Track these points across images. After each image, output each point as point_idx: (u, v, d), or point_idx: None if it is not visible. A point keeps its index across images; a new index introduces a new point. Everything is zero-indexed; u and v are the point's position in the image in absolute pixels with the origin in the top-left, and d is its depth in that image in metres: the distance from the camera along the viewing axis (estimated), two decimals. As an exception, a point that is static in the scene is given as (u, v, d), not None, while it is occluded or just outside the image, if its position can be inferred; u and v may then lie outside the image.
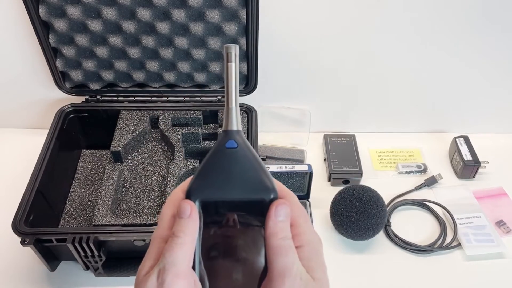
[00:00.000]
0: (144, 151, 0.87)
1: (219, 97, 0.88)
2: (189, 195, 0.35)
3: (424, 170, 0.95)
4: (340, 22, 0.83)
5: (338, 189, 0.82)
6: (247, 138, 0.82)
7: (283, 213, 0.34)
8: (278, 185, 0.36)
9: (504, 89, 0.95)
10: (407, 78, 0.93)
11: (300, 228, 0.35)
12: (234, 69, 0.36)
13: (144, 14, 0.77)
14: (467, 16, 0.82)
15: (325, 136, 0.98)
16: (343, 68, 0.91)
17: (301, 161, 0.95)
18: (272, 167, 0.82)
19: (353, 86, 0.94)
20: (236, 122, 0.36)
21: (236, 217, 0.36)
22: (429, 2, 0.80)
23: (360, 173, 0.90)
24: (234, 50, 0.35)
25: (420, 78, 0.93)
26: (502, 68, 0.91)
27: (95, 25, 0.78)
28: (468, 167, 0.91)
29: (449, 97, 0.97)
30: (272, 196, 0.35)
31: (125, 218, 0.72)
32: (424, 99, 0.97)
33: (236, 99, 0.36)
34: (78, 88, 0.88)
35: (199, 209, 0.35)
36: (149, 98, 0.88)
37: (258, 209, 0.35)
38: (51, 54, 0.81)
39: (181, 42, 0.80)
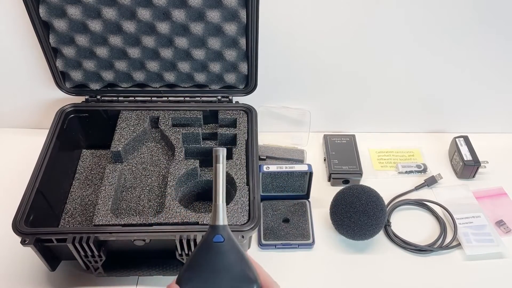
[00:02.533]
0: (144, 151, 0.87)
1: (219, 97, 0.88)
2: (179, 283, 0.39)
3: (424, 170, 0.95)
4: (340, 23, 0.83)
5: (338, 189, 0.82)
6: (247, 138, 0.82)
7: None
8: (263, 275, 0.40)
9: (504, 89, 0.95)
10: (407, 78, 0.93)
11: None
12: (222, 170, 0.41)
13: (144, 14, 0.77)
14: (467, 18, 0.82)
15: (325, 136, 0.98)
16: (343, 68, 0.91)
17: (301, 161, 0.95)
18: (272, 167, 0.82)
19: (353, 86, 0.95)
20: (222, 218, 0.41)
21: None
22: (429, 4, 0.80)
23: (360, 173, 0.90)
24: (222, 153, 0.41)
25: (420, 78, 0.93)
26: (502, 68, 0.91)
27: (95, 25, 0.78)
28: (468, 167, 0.91)
29: (449, 97, 0.97)
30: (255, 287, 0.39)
31: (125, 218, 0.72)
32: (424, 99, 0.97)
33: (222, 196, 0.41)
34: (78, 88, 0.88)
35: None
36: (149, 98, 0.88)
37: None
38: (51, 54, 0.81)
39: (181, 42, 0.80)
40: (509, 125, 1.03)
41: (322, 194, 0.88)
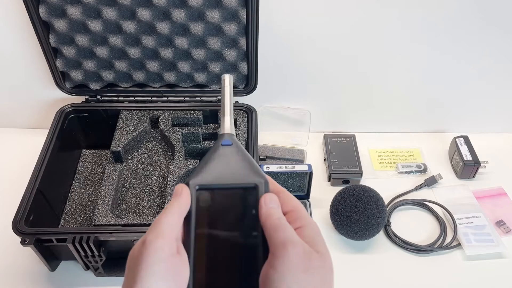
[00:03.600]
0: (144, 151, 0.87)
1: (219, 97, 0.88)
2: (188, 181, 0.39)
3: (424, 170, 0.95)
4: (340, 22, 0.83)
5: (338, 189, 0.82)
6: (247, 138, 0.82)
7: (273, 201, 0.37)
8: (272, 181, 0.40)
9: (504, 89, 0.95)
10: (407, 78, 0.93)
11: (299, 213, 0.38)
12: (229, 91, 0.46)
13: (144, 14, 0.77)
14: (467, 17, 0.82)
15: (325, 136, 0.98)
16: (343, 68, 0.91)
17: (301, 161, 0.95)
18: (272, 167, 0.82)
19: (353, 86, 0.94)
20: (230, 127, 0.43)
21: (232, 206, 0.39)
22: (429, 3, 0.80)
23: (360, 173, 0.90)
24: (229, 78, 0.46)
25: (420, 78, 0.93)
26: (502, 68, 0.91)
27: (95, 25, 0.78)
28: (468, 167, 0.91)
29: (449, 97, 0.97)
30: (262, 181, 0.39)
31: (125, 218, 0.72)
32: (424, 99, 0.97)
33: (230, 111, 0.44)
34: (78, 88, 0.88)
35: (196, 194, 0.38)
36: (149, 98, 0.88)
37: (251, 198, 0.38)
38: (51, 54, 0.81)
39: (181, 42, 0.80)
40: (509, 125, 1.03)
41: (322, 194, 0.88)
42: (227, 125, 0.43)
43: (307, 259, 0.34)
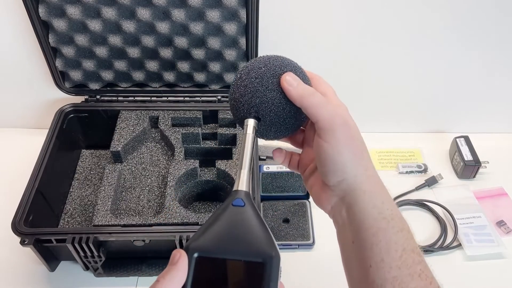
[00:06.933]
0: (144, 151, 0.86)
1: (219, 97, 0.88)
2: (187, 248, 0.35)
3: (425, 170, 0.94)
4: (339, 22, 0.83)
5: (338, 189, 0.82)
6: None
7: (295, 79, 0.44)
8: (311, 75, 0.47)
9: (505, 89, 0.95)
10: (407, 78, 0.93)
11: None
12: (252, 139, 0.40)
13: (144, 14, 0.77)
14: (467, 16, 0.82)
15: (325, 136, 0.98)
16: (343, 68, 0.91)
17: (301, 161, 0.94)
18: (272, 167, 0.82)
19: (353, 86, 0.94)
20: (246, 184, 0.38)
21: (233, 282, 0.35)
22: (429, 3, 0.80)
23: (360, 173, 0.90)
24: (253, 124, 0.40)
25: (420, 78, 0.93)
26: (502, 68, 0.91)
27: (95, 25, 0.78)
28: (468, 167, 0.90)
29: (449, 97, 0.97)
30: (273, 255, 0.35)
31: (125, 218, 0.72)
32: (424, 99, 0.97)
33: (249, 164, 0.39)
34: (78, 88, 0.87)
35: (194, 263, 0.34)
36: (149, 98, 0.88)
37: (257, 276, 0.34)
38: (51, 54, 0.81)
39: (181, 42, 0.80)
40: (510, 125, 1.02)
41: (322, 194, 0.87)
42: (243, 180, 0.38)
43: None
